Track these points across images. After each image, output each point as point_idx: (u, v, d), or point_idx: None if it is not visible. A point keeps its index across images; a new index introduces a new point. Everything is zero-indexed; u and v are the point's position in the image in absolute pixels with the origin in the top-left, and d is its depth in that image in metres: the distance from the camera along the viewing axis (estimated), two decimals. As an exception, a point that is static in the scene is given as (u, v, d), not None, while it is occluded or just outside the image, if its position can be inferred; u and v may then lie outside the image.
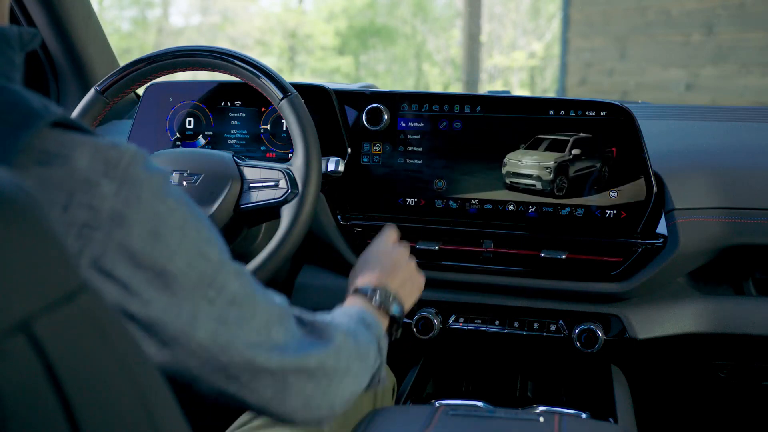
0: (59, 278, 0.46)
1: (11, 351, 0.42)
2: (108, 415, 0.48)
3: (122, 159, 0.55)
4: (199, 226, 0.61)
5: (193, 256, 0.59)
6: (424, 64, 12.92)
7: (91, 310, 0.48)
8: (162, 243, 0.57)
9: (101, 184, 0.54)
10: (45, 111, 0.52)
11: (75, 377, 0.45)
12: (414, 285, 1.03)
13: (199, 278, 0.59)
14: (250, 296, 0.64)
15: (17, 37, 0.59)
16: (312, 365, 0.69)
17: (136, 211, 0.55)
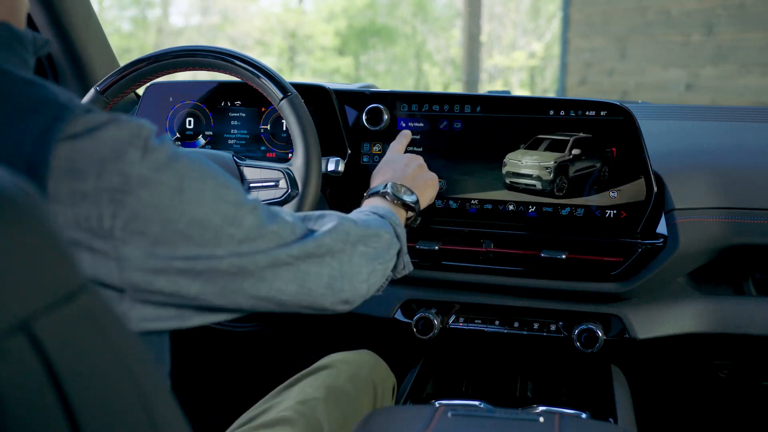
0: (59, 278, 0.46)
1: (11, 351, 0.42)
2: (108, 415, 0.48)
3: (142, 131, 0.62)
4: (214, 175, 0.68)
5: (215, 200, 0.66)
6: (424, 64, 12.92)
7: (91, 310, 0.48)
8: (187, 195, 0.64)
9: (128, 152, 0.60)
10: (71, 104, 0.60)
11: (75, 377, 0.45)
12: (427, 180, 1.12)
13: (223, 219, 0.67)
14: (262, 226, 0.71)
15: (32, 41, 0.67)
16: (317, 249, 0.77)
17: (159, 173, 0.62)
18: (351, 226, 0.84)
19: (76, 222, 0.59)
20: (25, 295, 0.43)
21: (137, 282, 0.62)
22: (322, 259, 0.78)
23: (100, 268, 0.60)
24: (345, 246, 0.82)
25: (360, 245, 0.84)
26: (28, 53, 0.66)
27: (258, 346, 1.67)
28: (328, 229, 0.80)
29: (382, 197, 1.03)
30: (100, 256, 0.60)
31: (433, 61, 12.75)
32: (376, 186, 1.06)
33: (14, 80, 0.61)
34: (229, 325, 1.56)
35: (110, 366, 0.49)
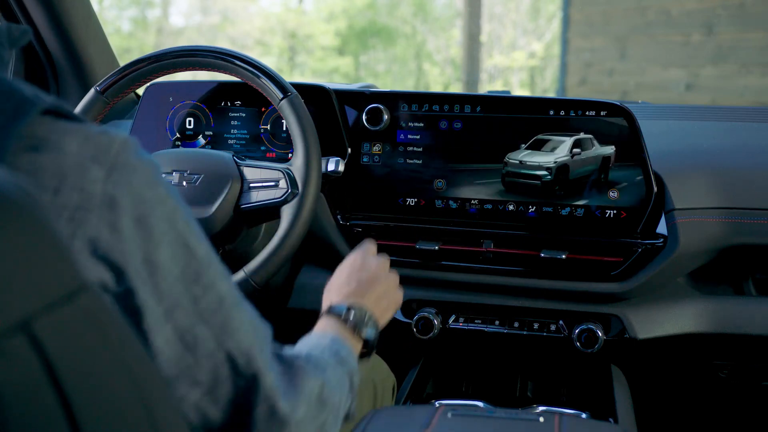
0: (59, 278, 0.46)
1: (11, 351, 0.42)
2: (108, 415, 0.48)
3: (112, 145, 0.55)
4: (188, 221, 0.59)
5: (179, 247, 0.58)
6: (424, 64, 12.92)
7: (91, 310, 0.48)
8: (148, 230, 0.56)
9: (91, 168, 0.54)
10: (37, 99, 0.53)
11: (75, 377, 0.45)
12: (391, 300, 0.99)
13: (183, 272, 0.58)
14: (239, 304, 0.62)
15: (5, 33, 0.60)
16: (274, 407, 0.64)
17: (125, 195, 0.55)
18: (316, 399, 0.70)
19: None
20: (25, 295, 0.43)
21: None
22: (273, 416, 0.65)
23: None
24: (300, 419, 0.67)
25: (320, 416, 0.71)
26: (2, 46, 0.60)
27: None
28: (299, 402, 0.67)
29: (342, 323, 0.89)
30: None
31: (433, 61, 12.75)
32: (338, 304, 0.91)
33: None
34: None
35: (110, 366, 0.49)
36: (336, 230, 1.33)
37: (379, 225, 1.32)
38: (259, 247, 1.28)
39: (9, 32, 0.60)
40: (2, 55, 0.59)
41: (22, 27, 0.61)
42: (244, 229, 1.26)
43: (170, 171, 1.20)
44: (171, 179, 1.19)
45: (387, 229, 1.32)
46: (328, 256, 1.36)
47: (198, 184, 1.19)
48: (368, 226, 1.33)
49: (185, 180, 1.19)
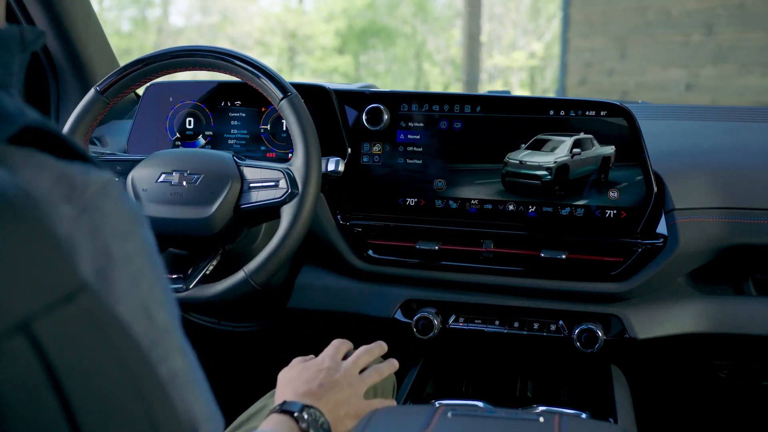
0: (59, 278, 0.46)
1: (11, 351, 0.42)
2: (108, 415, 0.48)
3: (89, 187, 0.49)
4: (155, 283, 0.53)
5: (138, 311, 0.52)
6: (424, 64, 12.92)
7: (91, 310, 0.48)
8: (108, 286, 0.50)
9: (60, 208, 0.48)
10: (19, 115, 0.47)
11: (75, 377, 0.45)
12: (351, 409, 0.94)
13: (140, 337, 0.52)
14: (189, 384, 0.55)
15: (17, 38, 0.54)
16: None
17: (88, 243, 0.49)
18: None
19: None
20: (25, 295, 0.43)
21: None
22: None
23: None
24: None
25: None
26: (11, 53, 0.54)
27: (258, 346, 1.67)
28: None
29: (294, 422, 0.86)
30: None
31: (433, 61, 12.75)
32: (294, 401, 0.88)
33: None
34: (229, 325, 1.56)
35: (110, 366, 0.49)
36: (336, 230, 1.33)
37: (379, 225, 1.32)
38: (259, 247, 1.28)
39: (21, 36, 0.54)
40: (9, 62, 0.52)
41: (36, 29, 0.56)
42: (244, 229, 1.26)
43: (170, 171, 1.20)
44: (171, 179, 1.19)
45: (387, 229, 1.32)
46: (328, 256, 1.36)
47: (198, 184, 1.19)
48: (368, 226, 1.33)
49: (185, 180, 1.19)
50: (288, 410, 0.86)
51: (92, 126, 1.28)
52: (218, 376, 1.75)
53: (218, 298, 1.18)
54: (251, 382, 1.41)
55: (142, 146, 1.44)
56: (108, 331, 0.49)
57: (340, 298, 1.37)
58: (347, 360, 0.99)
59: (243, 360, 1.71)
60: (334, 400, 0.92)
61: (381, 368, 1.02)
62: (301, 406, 0.86)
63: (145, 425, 0.50)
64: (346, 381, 0.95)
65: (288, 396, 0.90)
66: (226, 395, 1.67)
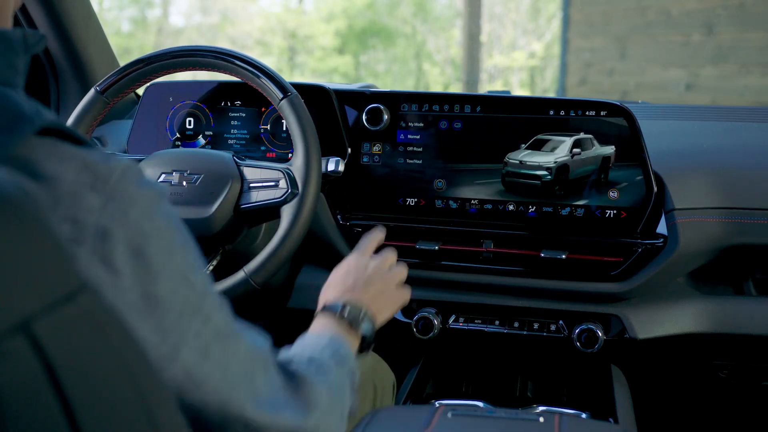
0: (59, 278, 0.46)
1: (11, 351, 0.42)
2: (108, 415, 0.48)
3: (113, 174, 0.52)
4: (187, 251, 0.57)
5: (179, 281, 0.55)
6: (424, 64, 12.92)
7: (91, 310, 0.48)
8: (146, 264, 0.53)
9: (87, 197, 0.51)
10: (36, 116, 0.50)
11: (75, 377, 0.45)
12: (390, 298, 0.99)
13: (184, 305, 0.56)
14: (234, 333, 0.62)
15: (21, 40, 0.57)
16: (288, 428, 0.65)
17: (121, 227, 0.52)
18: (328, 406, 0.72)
19: None
20: (25, 295, 0.43)
21: None
22: None
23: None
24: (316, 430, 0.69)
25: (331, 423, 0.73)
26: (17, 54, 0.56)
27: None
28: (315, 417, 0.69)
29: (338, 319, 0.90)
30: None
31: (433, 61, 12.75)
32: (332, 302, 0.93)
33: None
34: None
35: (110, 366, 0.49)
36: (336, 230, 1.33)
37: (379, 225, 1.32)
38: (259, 247, 1.28)
39: (24, 39, 0.57)
40: (15, 62, 0.55)
41: (38, 33, 0.58)
42: (244, 229, 1.26)
43: (170, 171, 1.20)
44: (171, 179, 1.19)
45: (387, 229, 1.32)
46: (328, 256, 1.36)
47: (198, 184, 1.19)
48: (368, 226, 1.33)
49: (185, 180, 1.19)
50: (330, 310, 0.91)
51: (92, 126, 1.28)
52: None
53: (218, 298, 1.18)
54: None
55: (142, 146, 1.44)
56: (108, 331, 0.49)
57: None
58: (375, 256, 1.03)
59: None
60: (372, 292, 0.96)
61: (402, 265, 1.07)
62: (342, 304, 0.91)
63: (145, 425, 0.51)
64: (377, 275, 0.99)
65: (328, 299, 0.95)
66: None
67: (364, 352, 0.93)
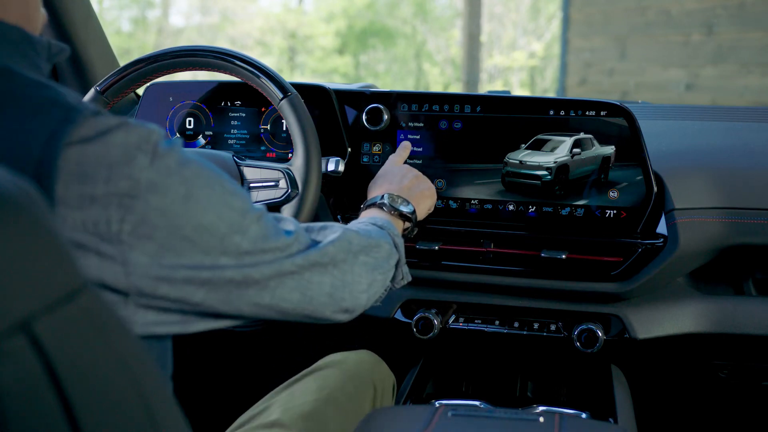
0: (59, 278, 0.46)
1: (11, 351, 0.42)
2: (108, 415, 0.48)
3: (151, 135, 0.62)
4: (222, 181, 0.68)
5: (222, 208, 0.67)
6: (424, 64, 12.92)
7: (91, 310, 0.48)
8: (194, 202, 0.64)
9: (137, 157, 0.60)
10: (81, 106, 0.60)
11: (75, 377, 0.45)
12: (424, 191, 1.13)
13: (229, 226, 0.67)
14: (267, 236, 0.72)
15: (46, 47, 0.67)
16: (321, 258, 0.78)
17: (168, 178, 0.62)
18: (353, 235, 0.86)
19: (84, 225, 0.59)
20: (25, 295, 0.43)
21: (143, 287, 0.62)
22: (325, 268, 0.79)
23: (107, 272, 0.60)
24: (347, 256, 0.83)
25: (362, 255, 0.86)
26: (41, 58, 0.67)
27: (258, 346, 1.67)
28: (331, 239, 0.81)
29: (379, 208, 1.05)
30: (107, 260, 0.60)
31: (433, 61, 12.75)
32: (373, 197, 1.07)
33: (23, 81, 0.61)
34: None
35: (110, 366, 0.49)
36: (336, 230, 1.33)
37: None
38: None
39: (49, 48, 0.68)
40: (40, 66, 0.66)
41: (61, 45, 0.69)
42: (244, 229, 1.26)
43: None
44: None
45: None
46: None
47: (198, 184, 1.18)
48: (368, 226, 1.33)
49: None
50: (370, 203, 1.07)
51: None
52: (218, 376, 1.75)
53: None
54: (251, 382, 1.41)
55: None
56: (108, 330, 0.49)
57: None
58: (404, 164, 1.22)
59: (243, 360, 1.71)
60: (408, 186, 1.12)
61: None
62: (380, 196, 1.07)
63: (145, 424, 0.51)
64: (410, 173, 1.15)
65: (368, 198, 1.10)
66: (227, 395, 1.68)
67: (409, 230, 1.08)
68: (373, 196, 1.08)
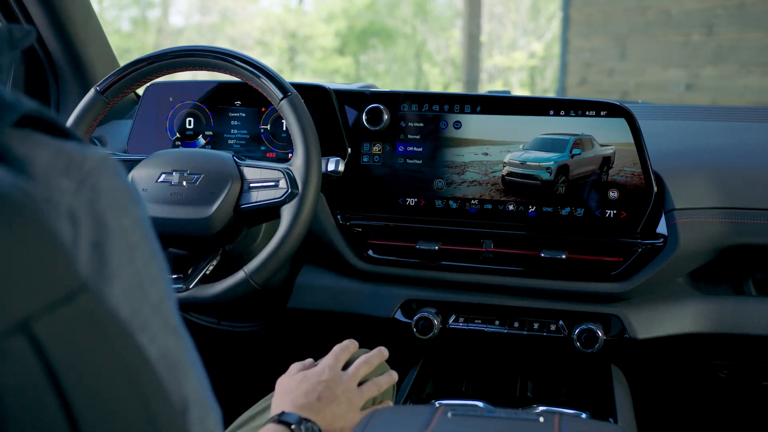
0: (59, 278, 0.46)
1: (11, 351, 0.42)
2: (108, 415, 0.48)
3: (85, 162, 0.51)
4: (150, 259, 0.53)
5: (132, 288, 0.52)
6: (424, 64, 12.92)
7: (91, 310, 0.48)
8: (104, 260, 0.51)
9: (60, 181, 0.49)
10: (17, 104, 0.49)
11: (75, 377, 0.45)
12: (348, 423, 0.95)
13: (131, 316, 0.52)
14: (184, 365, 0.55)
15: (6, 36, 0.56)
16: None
17: (86, 215, 0.50)
18: None
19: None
20: (25, 295, 0.43)
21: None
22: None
23: None
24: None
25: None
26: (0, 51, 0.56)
27: (258, 346, 1.67)
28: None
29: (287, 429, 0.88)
30: None
31: (433, 61, 12.75)
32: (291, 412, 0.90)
33: None
34: (229, 325, 1.56)
35: (110, 366, 0.49)
36: (336, 230, 1.33)
37: (379, 225, 1.32)
38: (259, 247, 1.28)
39: (10, 34, 0.56)
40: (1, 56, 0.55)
41: (25, 27, 0.57)
42: (244, 229, 1.26)
43: (170, 171, 1.20)
44: (171, 179, 1.19)
45: (387, 229, 1.32)
46: (328, 256, 1.36)
47: (198, 184, 1.19)
48: (368, 226, 1.33)
49: (185, 180, 1.19)
50: (285, 421, 0.88)
51: (92, 126, 1.28)
52: (218, 376, 1.75)
53: (218, 298, 1.18)
54: (251, 382, 1.41)
55: (142, 146, 1.44)
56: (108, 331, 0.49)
57: (340, 298, 1.37)
58: (347, 371, 0.99)
59: (243, 360, 1.71)
60: (331, 414, 0.93)
61: (379, 381, 1.02)
62: (299, 419, 0.88)
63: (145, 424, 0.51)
64: (344, 395, 0.95)
65: (286, 406, 0.91)
66: (227, 395, 1.68)
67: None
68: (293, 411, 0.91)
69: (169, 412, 0.54)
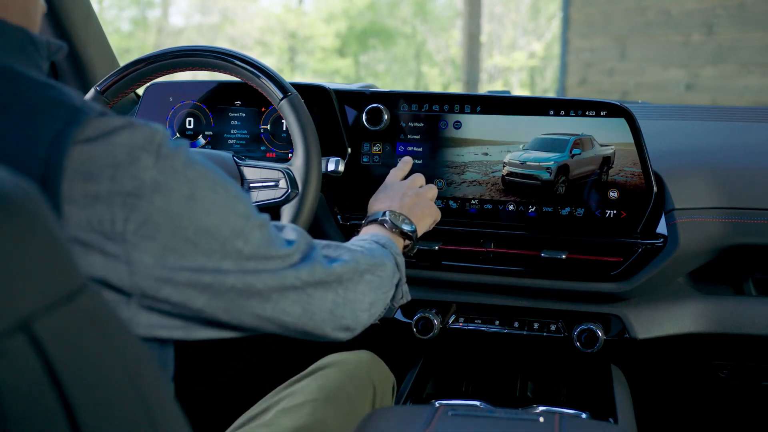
0: (59, 278, 0.46)
1: (11, 351, 0.42)
2: (108, 415, 0.48)
3: (156, 135, 0.63)
4: (226, 185, 0.68)
5: (225, 211, 0.67)
6: (424, 65, 12.92)
7: (91, 310, 0.48)
8: (198, 203, 0.64)
9: (142, 157, 0.61)
10: (86, 107, 0.61)
11: (75, 377, 0.45)
12: (425, 209, 1.12)
13: (231, 230, 0.67)
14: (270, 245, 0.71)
15: (46, 45, 0.68)
16: (327, 277, 0.78)
17: (173, 179, 0.62)
18: (361, 256, 0.86)
19: (89, 224, 0.59)
20: (25, 295, 0.43)
21: (146, 288, 0.62)
22: (330, 285, 0.79)
23: (111, 271, 0.60)
24: (354, 275, 0.83)
25: (367, 274, 0.86)
26: (42, 57, 0.67)
27: (258, 346, 1.67)
28: (341, 260, 0.82)
29: (380, 225, 1.05)
30: (112, 259, 0.60)
31: (433, 62, 12.74)
32: (374, 213, 1.07)
33: (29, 82, 0.61)
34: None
35: (110, 366, 0.49)
36: (336, 230, 1.33)
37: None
38: (259, 247, 1.28)
39: (48, 46, 0.69)
40: (40, 64, 0.67)
41: (58, 42, 0.70)
42: (244, 229, 1.25)
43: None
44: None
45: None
46: (328, 256, 1.35)
47: (198, 184, 1.18)
48: (368, 226, 1.33)
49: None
50: (371, 219, 1.07)
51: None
52: (219, 376, 1.75)
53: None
54: (252, 382, 1.41)
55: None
56: (108, 330, 0.49)
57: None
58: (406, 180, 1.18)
59: (243, 360, 1.71)
60: (409, 204, 1.11)
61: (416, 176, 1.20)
62: (382, 213, 1.07)
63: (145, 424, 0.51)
64: (411, 189, 1.14)
65: (371, 212, 1.10)
66: (227, 395, 1.68)
67: (409, 248, 1.07)
68: (375, 212, 1.08)
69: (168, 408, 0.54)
